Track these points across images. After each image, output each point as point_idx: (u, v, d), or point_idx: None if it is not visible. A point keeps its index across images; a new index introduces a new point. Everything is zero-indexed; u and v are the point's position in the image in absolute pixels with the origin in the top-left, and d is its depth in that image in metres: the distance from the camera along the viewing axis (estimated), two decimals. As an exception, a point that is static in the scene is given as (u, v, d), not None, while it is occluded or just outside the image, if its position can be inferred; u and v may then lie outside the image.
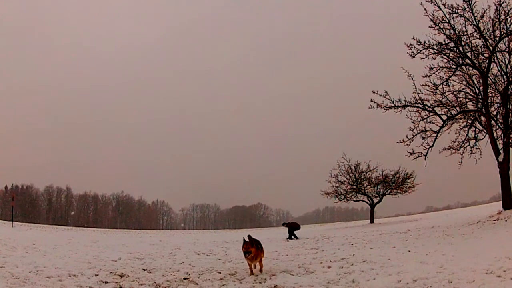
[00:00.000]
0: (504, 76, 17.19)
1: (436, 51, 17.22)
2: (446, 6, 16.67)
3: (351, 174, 32.30)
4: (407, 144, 18.22)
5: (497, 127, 17.64)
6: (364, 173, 32.18)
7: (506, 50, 16.81)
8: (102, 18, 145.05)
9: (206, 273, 8.41)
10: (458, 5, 16.59)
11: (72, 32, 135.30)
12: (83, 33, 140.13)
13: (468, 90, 18.18)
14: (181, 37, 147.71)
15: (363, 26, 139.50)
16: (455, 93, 18.27)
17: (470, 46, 16.99)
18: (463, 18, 16.72)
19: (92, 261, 9.63)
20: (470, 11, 16.55)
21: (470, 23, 16.72)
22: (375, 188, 32.64)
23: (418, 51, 17.17)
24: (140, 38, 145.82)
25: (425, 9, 16.91)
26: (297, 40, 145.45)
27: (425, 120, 18.20)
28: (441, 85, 17.74)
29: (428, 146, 18.23)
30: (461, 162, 18.65)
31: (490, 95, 17.71)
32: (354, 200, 33.77)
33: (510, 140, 16.64)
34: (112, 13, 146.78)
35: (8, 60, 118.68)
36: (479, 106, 17.90)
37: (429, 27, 17.10)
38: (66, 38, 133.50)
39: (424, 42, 17.07)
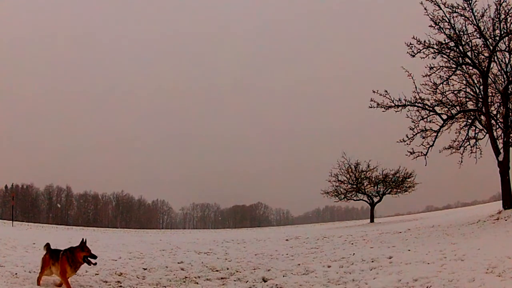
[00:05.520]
0: (504, 76, 17.18)
1: (436, 51, 17.21)
2: (446, 6, 16.69)
3: (351, 174, 32.29)
4: (407, 144, 18.25)
5: (497, 126, 17.64)
6: (364, 172, 32.19)
7: (506, 50, 16.80)
8: (101, 17, 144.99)
9: (206, 272, 8.41)
10: (458, 4, 16.62)
11: (73, 32, 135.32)
12: (83, 33, 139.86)
13: (468, 90, 18.20)
14: (183, 36, 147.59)
15: (363, 26, 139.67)
16: (455, 92, 18.28)
17: (470, 46, 16.99)
18: (463, 17, 16.73)
19: (92, 260, 9.60)
20: (470, 10, 16.55)
21: (470, 22, 16.72)
22: (375, 187, 32.62)
23: (418, 50, 17.18)
24: (140, 36, 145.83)
25: (425, 9, 16.93)
26: (300, 38, 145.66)
27: (425, 120, 18.24)
28: (441, 85, 17.77)
29: (428, 146, 18.23)
30: (461, 161, 18.68)
31: (490, 94, 17.71)
32: (354, 200, 33.81)
33: (510, 140, 16.63)
34: (110, 11, 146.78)
35: (8, 60, 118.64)
36: (479, 105, 17.90)
37: (429, 26, 17.11)
38: (67, 38, 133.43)
39: (424, 41, 17.09)
